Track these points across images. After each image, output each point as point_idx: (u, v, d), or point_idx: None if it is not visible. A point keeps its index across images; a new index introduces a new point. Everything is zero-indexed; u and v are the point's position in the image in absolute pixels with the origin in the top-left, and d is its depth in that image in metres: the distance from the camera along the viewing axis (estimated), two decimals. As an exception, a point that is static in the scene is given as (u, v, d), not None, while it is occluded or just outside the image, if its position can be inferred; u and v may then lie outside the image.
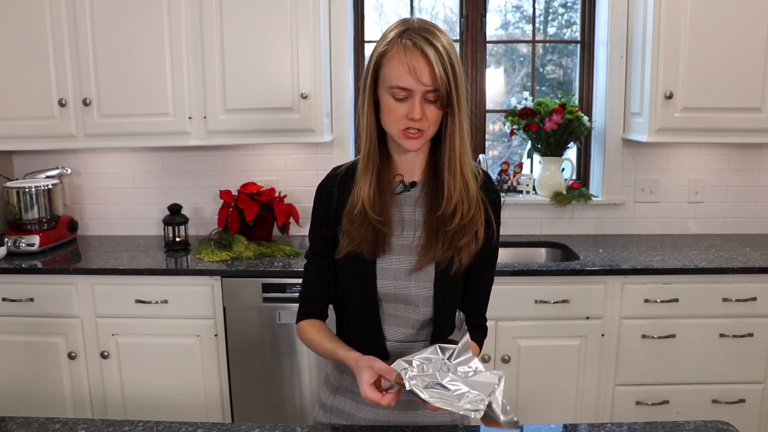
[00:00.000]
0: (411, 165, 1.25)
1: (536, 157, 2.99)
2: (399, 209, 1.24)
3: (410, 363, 1.06)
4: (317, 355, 1.35)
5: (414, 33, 1.11)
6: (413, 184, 1.26)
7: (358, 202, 1.20)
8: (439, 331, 1.27)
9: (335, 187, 1.26)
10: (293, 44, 2.48)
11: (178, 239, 2.69)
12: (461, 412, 0.99)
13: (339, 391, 1.34)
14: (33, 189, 2.66)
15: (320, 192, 1.29)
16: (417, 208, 1.24)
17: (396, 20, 1.18)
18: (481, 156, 2.81)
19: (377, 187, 1.20)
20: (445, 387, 1.01)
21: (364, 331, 1.27)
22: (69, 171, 2.91)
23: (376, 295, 1.23)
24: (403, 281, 1.23)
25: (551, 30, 3.12)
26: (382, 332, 1.25)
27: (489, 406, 0.98)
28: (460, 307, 1.33)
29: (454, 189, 1.18)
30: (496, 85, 3.13)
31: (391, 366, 1.08)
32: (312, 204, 1.31)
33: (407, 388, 1.02)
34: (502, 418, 0.98)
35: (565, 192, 2.89)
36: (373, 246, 1.21)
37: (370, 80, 1.17)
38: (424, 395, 1.00)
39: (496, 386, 1.00)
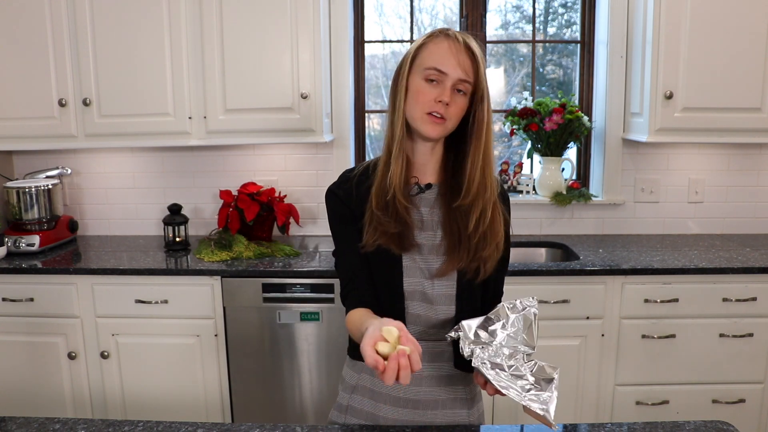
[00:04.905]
0: (424, 167, 1.27)
1: (536, 157, 2.99)
2: (417, 210, 1.26)
3: (477, 335, 1.13)
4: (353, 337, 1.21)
5: (455, 32, 1.20)
6: (429, 186, 1.27)
7: (390, 188, 1.21)
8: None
9: (353, 188, 1.28)
10: (293, 44, 2.48)
11: (178, 239, 2.69)
12: (523, 403, 1.07)
13: (356, 391, 1.31)
14: (33, 189, 2.65)
15: (336, 194, 1.29)
16: (434, 209, 1.26)
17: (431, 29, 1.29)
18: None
19: (404, 177, 1.23)
20: (508, 373, 1.09)
21: None
22: (69, 171, 2.91)
23: (402, 293, 1.24)
24: (428, 281, 1.24)
25: (551, 30, 3.12)
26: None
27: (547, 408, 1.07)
28: (482, 302, 1.33)
29: (473, 182, 1.21)
30: (496, 85, 3.13)
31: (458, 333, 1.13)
32: (326, 210, 1.33)
33: (474, 364, 1.09)
34: (552, 417, 1.06)
35: (565, 192, 2.89)
36: (399, 240, 1.21)
37: (407, 68, 1.21)
38: (489, 376, 1.07)
39: (555, 384, 1.10)
